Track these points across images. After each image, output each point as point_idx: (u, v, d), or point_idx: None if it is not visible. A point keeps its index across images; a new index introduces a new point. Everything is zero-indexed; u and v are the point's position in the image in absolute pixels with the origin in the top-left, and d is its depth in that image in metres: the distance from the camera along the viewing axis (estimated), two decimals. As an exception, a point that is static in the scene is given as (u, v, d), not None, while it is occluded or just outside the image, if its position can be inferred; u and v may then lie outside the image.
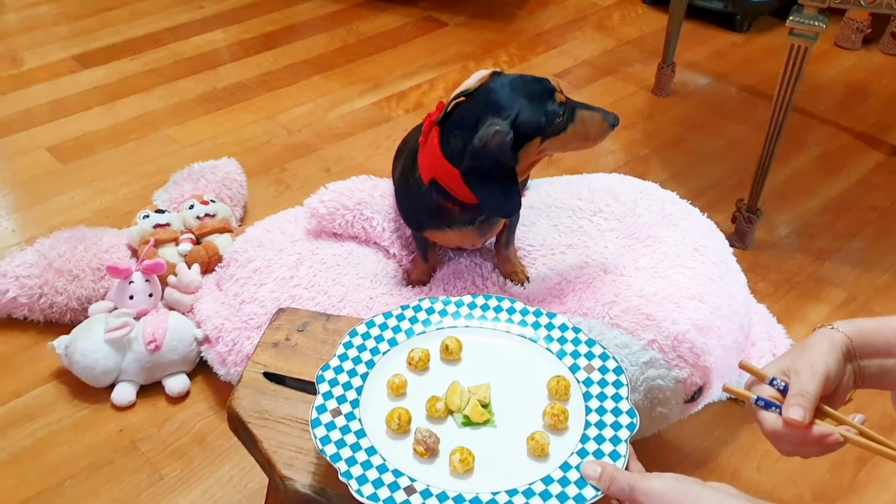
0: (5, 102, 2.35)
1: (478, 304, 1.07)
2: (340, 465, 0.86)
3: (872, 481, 1.38)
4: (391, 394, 0.95)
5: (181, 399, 1.49)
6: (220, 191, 1.84)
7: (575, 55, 2.69)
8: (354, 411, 0.92)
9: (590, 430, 0.90)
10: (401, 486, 0.84)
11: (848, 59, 2.69)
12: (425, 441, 0.88)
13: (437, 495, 0.83)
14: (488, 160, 1.17)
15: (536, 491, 0.84)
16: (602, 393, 0.94)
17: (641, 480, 0.78)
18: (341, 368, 0.97)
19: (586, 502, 0.82)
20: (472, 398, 0.94)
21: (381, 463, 0.87)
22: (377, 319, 1.04)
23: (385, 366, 0.99)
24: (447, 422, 0.93)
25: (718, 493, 0.74)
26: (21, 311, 1.60)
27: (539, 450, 0.88)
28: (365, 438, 0.89)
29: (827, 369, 0.81)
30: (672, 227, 1.48)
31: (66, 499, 1.32)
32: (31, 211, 1.94)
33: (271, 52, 2.66)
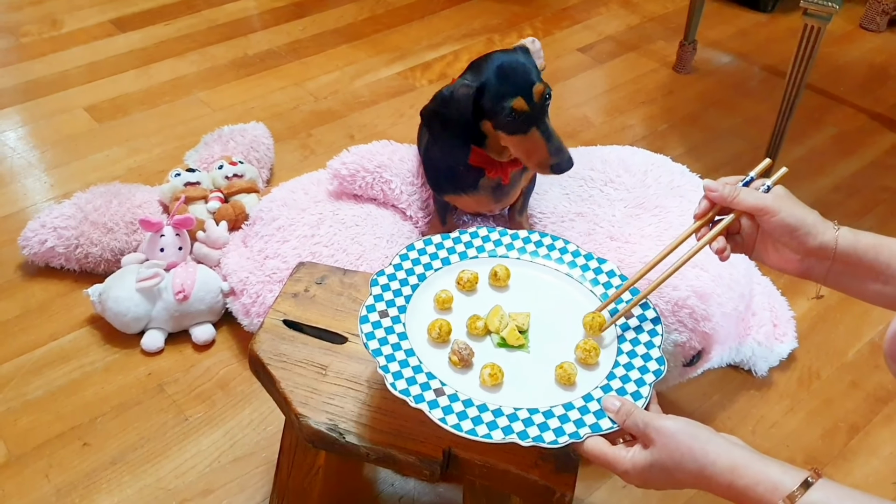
0: (45, 63, 2.44)
1: (532, 240, 1.11)
2: (380, 359, 0.91)
3: (863, 449, 1.43)
4: (437, 307, 1.01)
5: (207, 347, 1.57)
6: (248, 153, 1.91)
7: (599, 30, 2.73)
8: (400, 315, 0.98)
9: (617, 370, 0.94)
10: (431, 387, 0.89)
11: (872, 41, 2.70)
12: (460, 352, 0.93)
13: (464, 401, 0.88)
14: (451, 108, 1.26)
15: (556, 413, 0.88)
16: (636, 338, 0.98)
17: (656, 419, 0.81)
18: (394, 276, 1.02)
19: (601, 431, 0.85)
20: (511, 322, 0.98)
21: (417, 364, 0.92)
22: (434, 238, 1.09)
23: (435, 281, 1.04)
24: (485, 340, 0.98)
25: (727, 442, 0.77)
26: (58, 261, 1.68)
27: (566, 378, 0.92)
28: (406, 341, 0.94)
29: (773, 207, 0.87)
30: (679, 198, 1.53)
31: (97, 434, 1.41)
32: (68, 167, 2.02)
33: (301, 21, 2.72)
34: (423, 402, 0.87)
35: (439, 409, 0.87)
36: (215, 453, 1.38)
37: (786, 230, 0.87)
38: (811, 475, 0.71)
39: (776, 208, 0.87)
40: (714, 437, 0.77)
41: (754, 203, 0.88)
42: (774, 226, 0.88)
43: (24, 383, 1.49)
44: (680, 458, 0.77)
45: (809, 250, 0.87)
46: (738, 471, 0.74)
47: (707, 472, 0.76)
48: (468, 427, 0.85)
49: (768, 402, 1.50)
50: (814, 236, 0.86)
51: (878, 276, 0.87)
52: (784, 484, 0.71)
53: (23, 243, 1.68)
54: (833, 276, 0.89)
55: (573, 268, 1.08)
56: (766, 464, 0.74)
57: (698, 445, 0.77)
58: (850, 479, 1.38)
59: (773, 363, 1.56)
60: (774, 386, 1.53)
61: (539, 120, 1.23)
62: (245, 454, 1.38)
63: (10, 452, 1.38)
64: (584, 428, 0.86)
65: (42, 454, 1.37)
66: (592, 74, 2.48)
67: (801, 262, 0.90)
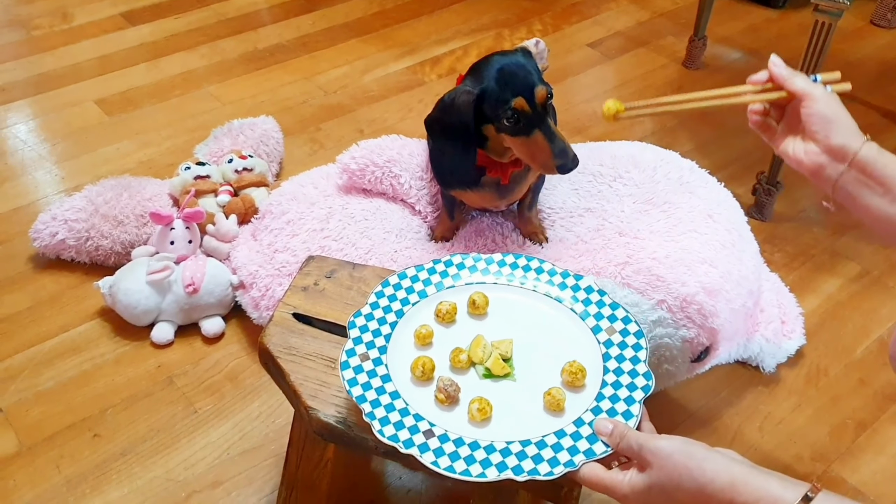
0: (56, 56, 2.45)
1: (507, 262, 1.10)
2: (365, 406, 0.90)
3: (871, 446, 1.43)
4: (418, 343, 1.00)
5: (216, 340, 1.58)
6: (258, 147, 1.92)
7: (608, 26, 2.72)
8: (382, 357, 0.97)
9: (605, 390, 0.93)
10: (420, 430, 0.88)
11: (883, 38, 2.68)
12: (446, 389, 0.92)
13: (454, 440, 0.87)
14: (452, 115, 1.26)
15: (549, 443, 0.87)
16: (621, 354, 0.97)
17: (650, 440, 0.80)
18: (372, 316, 1.02)
19: (596, 457, 0.85)
20: (494, 352, 0.98)
21: (404, 407, 0.91)
22: (409, 272, 1.08)
23: (414, 316, 1.03)
24: (469, 373, 0.97)
25: (724, 458, 0.77)
26: (69, 253, 1.70)
27: (555, 405, 0.92)
28: (390, 383, 0.94)
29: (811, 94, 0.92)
30: (688, 194, 1.53)
31: (107, 425, 1.42)
32: (79, 160, 2.04)
33: (310, 15, 2.72)
34: (413, 447, 0.86)
35: (430, 452, 0.86)
36: (224, 445, 1.39)
37: (821, 118, 0.91)
38: (811, 489, 0.71)
39: (823, 97, 0.91)
40: (710, 455, 0.77)
41: (805, 87, 0.93)
42: (812, 112, 0.92)
43: (36, 374, 1.50)
44: (678, 478, 0.77)
45: (832, 147, 0.91)
46: (738, 487, 0.74)
47: (707, 491, 0.75)
48: (461, 468, 0.85)
49: (776, 398, 1.51)
50: (842, 134, 0.91)
51: (887, 192, 0.90)
52: (784, 499, 0.72)
53: (34, 235, 1.69)
54: (844, 181, 0.92)
55: (550, 286, 1.08)
56: (765, 479, 0.74)
57: (695, 464, 0.77)
58: (857, 476, 1.38)
59: (780, 360, 1.56)
60: (782, 382, 1.53)
61: (541, 122, 1.23)
62: (254, 446, 1.39)
63: (21, 443, 1.39)
64: (578, 455, 0.86)
65: (53, 445, 1.39)
66: (602, 70, 2.48)
67: (818, 156, 0.93)
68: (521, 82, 1.23)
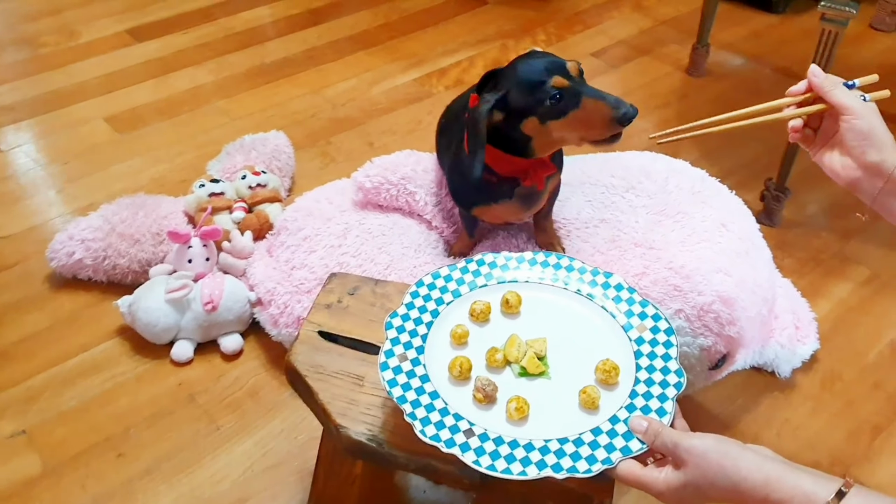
0: (64, 74, 2.47)
1: (538, 261, 1.12)
2: (406, 406, 0.91)
3: (886, 449, 1.45)
4: (454, 343, 1.02)
5: (235, 357, 1.59)
6: (270, 162, 1.93)
7: (611, 35, 2.74)
8: (419, 357, 0.98)
9: (639, 387, 0.95)
10: (461, 429, 0.90)
11: (882, 42, 2.71)
12: (484, 388, 0.94)
13: (494, 439, 0.89)
14: (470, 127, 1.25)
15: (586, 441, 0.89)
16: (652, 352, 0.99)
17: (685, 438, 0.82)
18: (408, 317, 1.03)
19: (632, 454, 0.86)
20: (529, 350, 0.99)
21: (444, 406, 0.92)
22: (442, 271, 1.10)
23: (448, 316, 1.05)
24: (505, 372, 0.99)
25: (757, 455, 0.78)
26: (86, 273, 1.71)
27: (590, 402, 0.93)
28: (429, 383, 0.95)
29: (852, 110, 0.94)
30: (701, 203, 1.55)
31: (131, 444, 1.43)
32: (91, 178, 2.05)
33: (316, 28, 2.74)
34: (454, 447, 0.88)
35: (471, 451, 0.88)
36: (248, 462, 1.40)
37: (859, 135, 0.93)
38: (844, 485, 0.72)
39: (861, 112, 0.93)
40: (744, 453, 0.79)
41: (844, 100, 0.94)
42: (850, 127, 0.93)
43: (58, 395, 1.52)
44: (713, 476, 0.78)
45: (868, 164, 0.93)
46: (772, 485, 0.75)
47: (741, 489, 0.77)
48: (502, 467, 0.86)
49: (792, 404, 1.52)
50: (879, 150, 0.92)
51: None
52: (818, 495, 0.73)
53: (51, 255, 1.70)
54: (882, 196, 0.94)
55: (581, 284, 1.09)
56: (798, 475, 0.75)
57: (730, 462, 0.78)
58: (874, 479, 1.39)
59: (795, 365, 1.57)
60: (798, 388, 1.55)
61: (585, 88, 1.21)
62: (277, 462, 1.40)
63: (45, 464, 1.40)
64: (614, 452, 0.87)
65: (77, 465, 1.40)
66: (606, 79, 2.49)
67: (854, 171, 0.96)
68: (549, 64, 1.23)
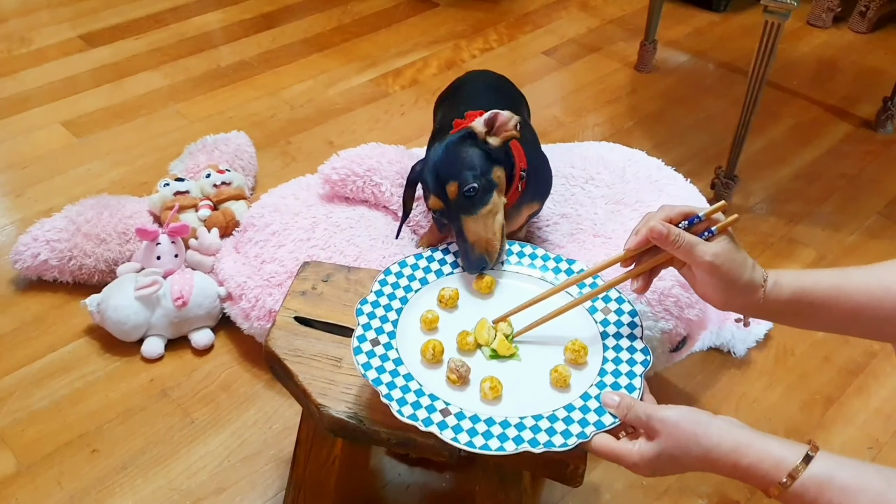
0: (18, 80, 2.45)
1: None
2: (381, 388, 0.93)
3: (839, 418, 1.52)
4: (424, 328, 1.04)
5: (206, 351, 1.60)
6: (233, 161, 1.95)
7: (561, 34, 2.81)
8: (391, 342, 1.00)
9: (607, 366, 0.98)
10: (437, 409, 0.92)
11: (819, 37, 2.83)
12: (458, 370, 0.96)
13: (470, 417, 0.91)
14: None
15: (560, 417, 0.91)
16: (618, 332, 1.02)
17: (658, 410, 0.84)
18: (378, 303, 1.05)
19: (605, 428, 0.89)
20: (498, 333, 1.02)
21: (419, 388, 0.94)
22: (408, 260, 1.13)
23: (417, 302, 1.07)
24: (476, 355, 1.01)
25: (727, 423, 0.81)
26: (51, 274, 1.70)
27: (561, 381, 0.95)
28: (402, 366, 0.97)
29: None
30: (658, 192, 1.60)
31: (105, 441, 1.44)
32: (51, 182, 2.04)
33: (270, 32, 2.76)
34: (432, 425, 0.89)
35: (449, 429, 0.90)
36: (224, 453, 1.42)
37: (718, 286, 0.90)
38: (811, 449, 0.76)
39: (715, 268, 0.88)
40: (715, 421, 0.81)
41: (696, 259, 0.89)
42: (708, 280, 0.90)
43: (27, 395, 1.51)
44: (685, 444, 0.81)
45: (736, 305, 0.91)
46: (742, 450, 0.78)
47: (712, 456, 0.79)
48: (480, 443, 0.88)
49: (748, 379, 1.59)
50: (742, 296, 0.90)
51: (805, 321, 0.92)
52: (786, 459, 0.76)
53: (14, 258, 1.70)
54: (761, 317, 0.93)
55: (545, 271, 1.12)
56: (766, 441, 0.78)
57: (701, 430, 0.80)
58: (828, 447, 1.42)
59: (750, 344, 1.64)
60: (753, 364, 1.62)
61: (455, 218, 1.18)
62: (253, 453, 1.42)
63: (19, 463, 1.40)
64: (588, 427, 0.90)
65: (52, 463, 1.40)
66: (558, 76, 2.56)
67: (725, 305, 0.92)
68: (435, 178, 1.20)
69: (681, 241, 0.89)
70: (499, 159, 1.22)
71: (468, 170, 1.18)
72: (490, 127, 1.22)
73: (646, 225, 0.92)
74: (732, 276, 0.88)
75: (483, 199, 1.18)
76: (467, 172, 1.17)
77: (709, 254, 0.88)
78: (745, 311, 0.93)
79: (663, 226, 0.90)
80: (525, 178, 1.33)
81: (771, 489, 0.77)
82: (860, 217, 2.00)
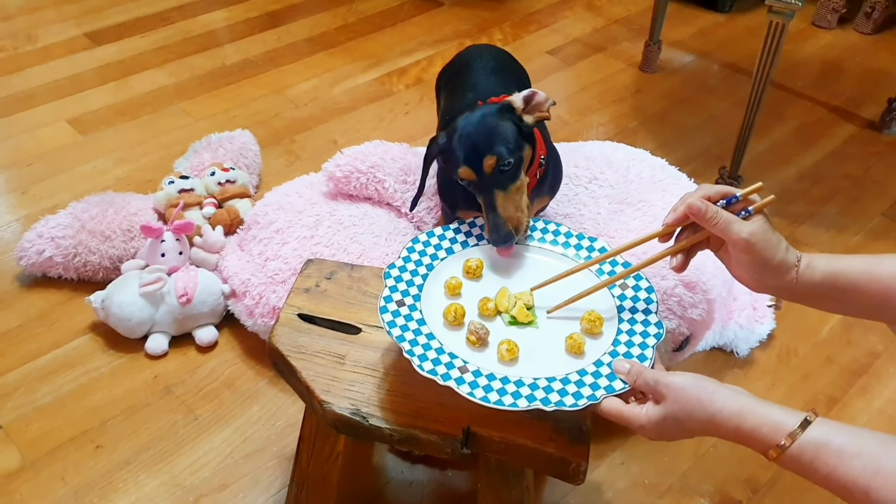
0: (24, 77, 2.46)
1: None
2: (405, 344, 0.96)
3: (842, 419, 1.46)
4: (448, 293, 1.07)
5: (210, 348, 1.61)
6: (238, 159, 1.96)
7: (566, 33, 2.81)
8: (416, 303, 1.04)
9: (621, 336, 1.01)
10: (456, 366, 0.95)
11: (824, 38, 2.82)
12: (477, 332, 0.99)
13: (487, 375, 0.94)
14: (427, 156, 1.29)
15: (572, 380, 0.94)
16: (634, 307, 1.05)
17: (665, 376, 0.87)
18: (405, 268, 1.09)
19: (615, 392, 0.92)
20: (518, 302, 1.05)
21: (439, 346, 0.98)
22: (437, 230, 1.16)
23: (443, 269, 1.11)
24: (496, 321, 1.04)
25: (731, 391, 0.83)
26: (56, 270, 1.71)
27: (576, 347, 0.99)
28: (425, 326, 1.00)
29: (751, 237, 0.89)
30: (661, 191, 1.61)
31: (109, 436, 1.44)
32: (55, 179, 2.05)
33: (275, 31, 2.77)
34: (450, 380, 0.93)
35: (466, 385, 0.93)
36: (227, 449, 1.42)
37: (753, 265, 0.91)
38: (810, 415, 0.78)
39: (750, 246, 0.90)
40: (719, 387, 0.84)
41: (732, 237, 0.91)
42: (743, 259, 0.92)
43: (32, 391, 1.52)
44: (691, 409, 0.83)
45: (769, 286, 0.93)
46: (744, 415, 0.80)
47: (716, 420, 0.82)
48: (495, 399, 0.91)
49: (751, 378, 1.59)
50: (775, 276, 0.91)
51: (836, 304, 0.93)
52: (785, 424, 0.78)
53: (19, 254, 1.70)
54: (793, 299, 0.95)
55: (567, 248, 1.15)
56: (768, 407, 0.80)
57: (706, 396, 0.83)
58: (831, 447, 1.46)
59: (753, 344, 1.64)
60: (756, 364, 1.62)
61: (487, 190, 1.18)
62: (256, 449, 1.43)
63: (24, 458, 1.40)
64: (599, 390, 0.92)
65: (56, 458, 1.40)
66: (563, 75, 2.56)
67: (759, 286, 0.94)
68: (471, 149, 1.18)
69: (718, 219, 0.91)
70: (529, 138, 1.23)
71: (506, 144, 1.18)
72: (527, 104, 1.23)
73: (684, 202, 0.95)
74: (767, 255, 0.90)
75: (515, 174, 1.19)
76: (505, 147, 1.17)
77: (745, 231, 0.90)
78: (778, 292, 0.94)
79: (702, 202, 0.92)
80: (544, 166, 1.34)
81: (770, 451, 0.78)
82: (864, 218, 2.00)
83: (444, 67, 1.68)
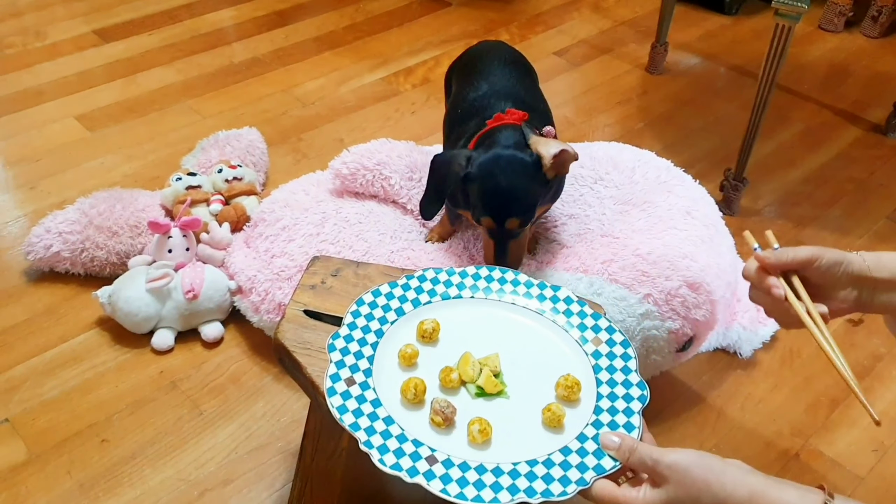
0: (32, 74, 2.47)
1: (482, 276, 1.10)
2: (360, 434, 0.86)
3: (844, 420, 1.52)
4: (403, 364, 0.98)
5: (216, 344, 1.62)
6: (245, 157, 1.96)
7: (572, 35, 2.82)
8: (368, 380, 0.93)
9: (602, 402, 0.92)
10: (422, 456, 0.85)
11: (831, 41, 2.83)
12: (443, 411, 0.89)
13: (459, 465, 0.84)
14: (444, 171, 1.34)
15: (556, 461, 0.85)
16: (611, 366, 0.97)
17: (665, 454, 0.79)
18: (351, 337, 0.99)
19: (605, 472, 0.84)
20: (484, 369, 0.96)
21: (400, 433, 0.87)
22: (383, 289, 1.06)
23: (394, 335, 1.01)
24: (461, 392, 0.95)
25: (738, 469, 0.78)
26: (63, 265, 1.72)
27: (555, 421, 0.90)
28: (381, 408, 0.90)
29: (818, 252, 0.89)
30: (666, 192, 1.61)
31: (114, 431, 1.45)
32: (64, 175, 2.06)
33: (283, 29, 2.78)
34: (418, 475, 0.83)
35: (437, 479, 0.83)
36: (232, 445, 1.43)
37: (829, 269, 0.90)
38: (826, 497, 0.74)
39: (816, 255, 0.89)
40: (727, 468, 0.78)
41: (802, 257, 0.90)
42: (822, 269, 0.90)
43: (38, 384, 1.53)
44: (697, 493, 0.77)
45: (852, 278, 0.90)
46: (756, 499, 0.75)
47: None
48: (472, 494, 0.82)
49: (754, 380, 1.59)
50: (848, 263, 0.90)
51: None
52: None
53: (27, 249, 1.71)
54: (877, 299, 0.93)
55: (529, 299, 1.07)
56: (781, 489, 0.76)
57: (714, 478, 0.77)
58: (833, 448, 1.47)
59: (756, 346, 1.65)
60: (759, 365, 1.62)
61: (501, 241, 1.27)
62: (261, 445, 1.43)
63: (30, 451, 1.41)
64: (588, 472, 0.84)
65: (62, 451, 1.41)
66: (569, 77, 2.57)
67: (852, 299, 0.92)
68: (498, 207, 1.25)
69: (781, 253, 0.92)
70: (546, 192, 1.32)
71: (530, 210, 1.27)
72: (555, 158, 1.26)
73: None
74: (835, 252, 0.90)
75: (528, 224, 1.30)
76: (530, 213, 1.27)
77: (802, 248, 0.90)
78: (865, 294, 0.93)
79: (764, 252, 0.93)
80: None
81: None
82: (868, 221, 2.00)
83: (455, 59, 1.71)
